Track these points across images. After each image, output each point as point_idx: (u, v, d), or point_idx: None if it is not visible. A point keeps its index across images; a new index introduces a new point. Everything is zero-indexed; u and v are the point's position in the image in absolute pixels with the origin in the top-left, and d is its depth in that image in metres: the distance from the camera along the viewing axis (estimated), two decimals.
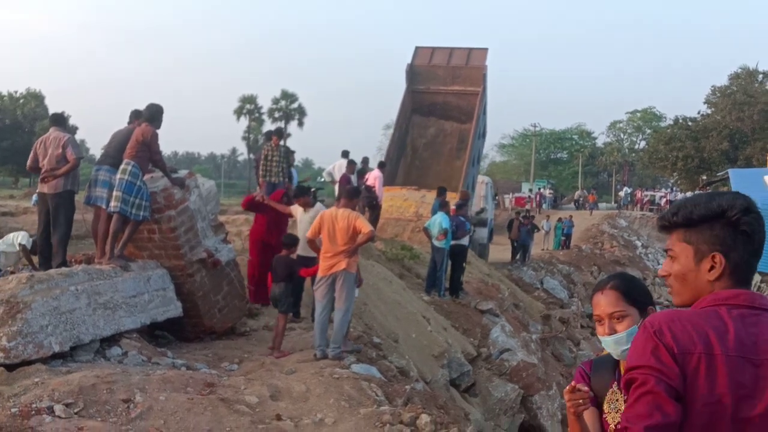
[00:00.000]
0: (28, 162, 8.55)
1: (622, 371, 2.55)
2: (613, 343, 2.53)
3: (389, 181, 18.50)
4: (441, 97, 20.82)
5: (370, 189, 15.44)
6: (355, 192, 8.71)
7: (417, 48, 21.18)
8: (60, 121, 8.58)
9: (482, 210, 22.88)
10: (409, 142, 20.92)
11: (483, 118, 21.20)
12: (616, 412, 2.49)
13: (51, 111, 77.99)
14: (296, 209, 9.54)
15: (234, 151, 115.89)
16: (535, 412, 11.65)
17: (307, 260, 8.61)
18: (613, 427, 2.48)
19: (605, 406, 2.56)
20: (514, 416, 11.35)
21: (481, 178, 23.73)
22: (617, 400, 2.52)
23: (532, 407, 11.62)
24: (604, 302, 2.57)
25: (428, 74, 20.63)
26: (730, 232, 1.92)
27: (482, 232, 22.14)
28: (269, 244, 9.63)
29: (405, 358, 9.13)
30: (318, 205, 9.49)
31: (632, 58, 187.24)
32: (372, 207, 15.61)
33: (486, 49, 21.20)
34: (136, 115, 8.53)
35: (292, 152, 13.30)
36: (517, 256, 24.01)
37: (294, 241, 8.68)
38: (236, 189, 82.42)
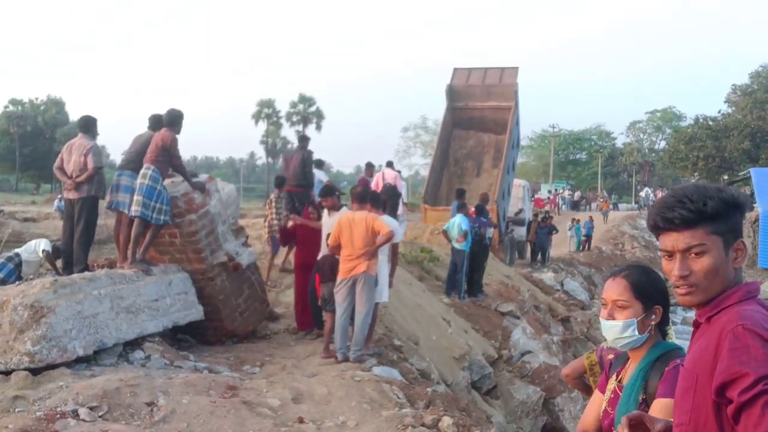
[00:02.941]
0: (56, 163, 8.64)
1: (627, 366, 2.64)
2: (609, 328, 2.58)
3: (433, 197, 20.89)
4: (478, 112, 22.71)
5: (394, 187, 15.42)
6: (364, 195, 8.63)
7: (455, 69, 23.15)
8: (87, 126, 8.62)
9: (520, 211, 24.87)
10: (451, 154, 22.77)
11: (516, 130, 23.06)
12: (605, 400, 2.65)
13: (71, 117, 78.47)
14: (324, 215, 9.16)
15: (252, 155, 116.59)
16: (558, 414, 11.56)
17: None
18: (603, 407, 2.65)
19: (605, 395, 2.70)
20: (537, 419, 11.27)
21: (518, 181, 25.95)
22: (609, 389, 2.67)
23: (554, 409, 11.54)
24: (612, 288, 2.59)
25: (466, 92, 22.64)
26: (740, 218, 1.96)
27: (520, 231, 24.21)
28: (309, 265, 8.96)
29: (426, 360, 9.11)
30: (344, 208, 8.95)
31: (651, 58, 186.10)
32: (394, 206, 15.55)
33: (516, 68, 23.10)
34: (156, 121, 8.58)
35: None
36: (537, 258, 23.91)
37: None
38: (255, 193, 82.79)
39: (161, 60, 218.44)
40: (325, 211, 9.05)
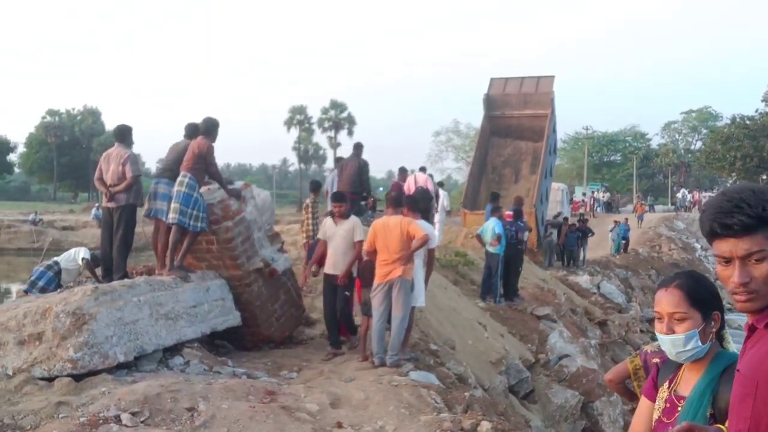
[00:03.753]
0: (95, 174, 8.78)
1: (681, 375, 2.53)
2: (670, 343, 2.46)
3: (472, 201, 21.24)
4: (515, 120, 23.07)
5: (426, 191, 15.48)
6: (399, 199, 8.63)
7: (492, 79, 23.63)
8: (122, 136, 8.74)
9: (558, 214, 25.65)
10: (489, 161, 23.23)
11: (553, 136, 23.58)
12: (658, 410, 2.52)
13: (107, 127, 79.77)
14: (326, 222, 8.80)
15: (285, 161, 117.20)
16: (596, 418, 11.44)
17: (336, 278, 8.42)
18: (656, 417, 2.53)
19: (656, 403, 2.58)
20: (575, 423, 11.16)
21: (556, 185, 26.81)
22: (662, 398, 2.54)
23: (593, 414, 11.41)
24: (666, 300, 2.47)
25: (503, 101, 23.09)
26: None
27: (573, 233, 24.40)
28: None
29: (462, 365, 9.07)
30: (352, 217, 8.67)
31: (686, 57, 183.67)
32: (427, 210, 15.60)
33: (553, 77, 23.55)
34: (192, 129, 8.68)
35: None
36: (569, 263, 23.49)
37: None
38: (288, 199, 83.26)
39: (192, 68, 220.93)
40: (328, 219, 8.74)
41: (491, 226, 13.10)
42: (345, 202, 8.74)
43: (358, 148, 13.70)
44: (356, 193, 12.82)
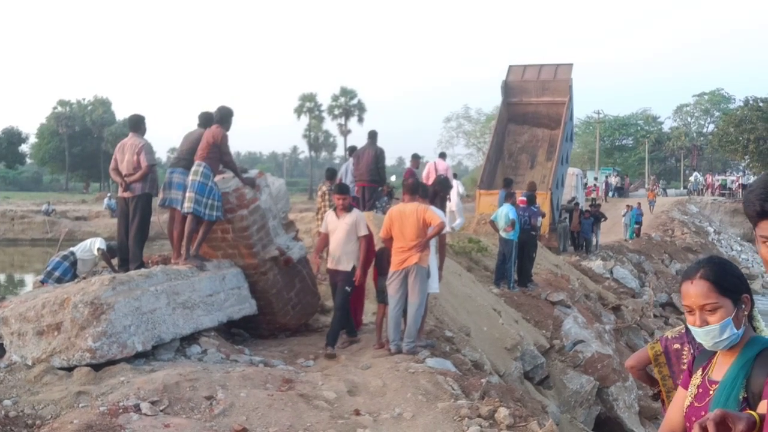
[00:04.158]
0: (111, 165, 8.78)
1: (715, 361, 2.51)
2: (705, 334, 2.42)
3: (488, 184, 21.18)
4: (532, 107, 23.28)
5: (446, 179, 15.47)
6: (416, 186, 8.59)
7: (510, 66, 23.73)
8: (137, 125, 8.74)
9: (573, 199, 25.41)
10: (506, 147, 23.29)
11: (570, 124, 23.78)
12: (690, 396, 2.51)
13: (118, 116, 79.68)
14: (328, 215, 8.55)
15: (295, 149, 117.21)
16: (612, 403, 11.44)
17: (341, 274, 8.28)
18: (688, 402, 2.51)
19: (689, 390, 2.56)
20: (590, 408, 11.16)
21: (571, 170, 26.66)
22: (695, 384, 2.52)
23: (608, 399, 11.42)
24: (694, 293, 2.43)
25: (521, 88, 23.24)
26: None
27: (587, 219, 24.56)
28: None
29: (478, 351, 9.07)
30: (355, 211, 8.45)
31: (698, 39, 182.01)
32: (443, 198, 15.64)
33: (571, 65, 23.70)
34: (206, 118, 8.66)
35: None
36: (582, 248, 23.44)
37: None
38: (298, 187, 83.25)
39: (202, 57, 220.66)
40: (330, 212, 8.51)
41: (505, 212, 13.05)
42: (348, 194, 8.58)
43: (373, 136, 13.62)
44: (374, 181, 12.83)
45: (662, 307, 21.47)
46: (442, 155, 17.81)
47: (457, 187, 17.41)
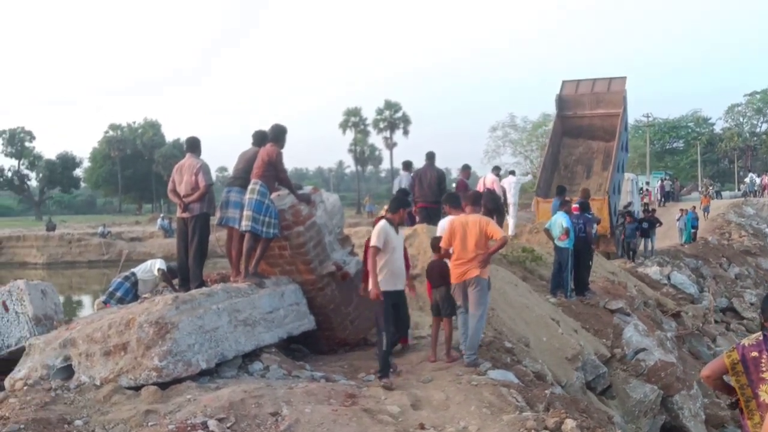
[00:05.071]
0: (169, 186, 8.94)
1: None
2: None
3: (545, 191, 21.18)
4: (587, 120, 23.37)
5: (493, 192, 15.56)
6: (477, 197, 8.63)
7: (564, 82, 23.94)
8: (194, 146, 8.90)
9: (629, 204, 25.53)
10: (561, 159, 23.42)
11: (625, 134, 23.90)
12: None
13: (167, 138, 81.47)
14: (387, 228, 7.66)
15: (341, 164, 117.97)
16: (677, 412, 11.17)
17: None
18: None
19: None
20: (655, 418, 10.91)
21: (627, 175, 26.59)
22: None
23: (673, 408, 11.15)
24: None
25: (575, 101, 23.44)
26: None
27: (631, 225, 24.53)
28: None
29: (539, 362, 8.96)
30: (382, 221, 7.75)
31: (747, 37, 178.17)
32: (496, 212, 15.75)
33: (624, 78, 23.80)
34: (260, 137, 8.77)
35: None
36: (630, 255, 22.82)
37: (438, 243, 8.35)
38: (345, 202, 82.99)
39: (247, 74, 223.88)
40: (388, 226, 7.64)
41: (559, 221, 12.91)
42: (407, 207, 8.43)
43: (431, 157, 13.90)
44: (437, 202, 12.94)
45: (723, 313, 20.96)
46: (496, 169, 17.97)
47: (512, 189, 17.79)
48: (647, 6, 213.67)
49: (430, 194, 13.22)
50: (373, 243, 7.45)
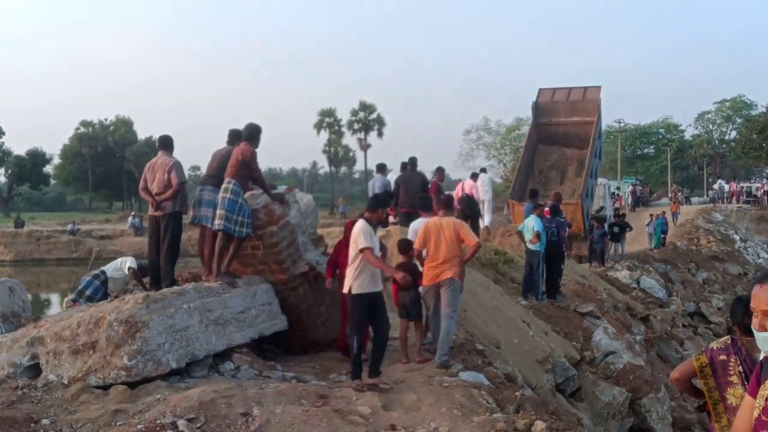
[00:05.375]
0: (140, 184, 8.87)
1: None
2: (762, 340, 2.45)
3: (519, 194, 21.40)
4: (562, 127, 23.88)
5: (471, 198, 15.73)
6: (450, 201, 8.72)
7: (540, 89, 24.56)
8: (166, 144, 8.85)
9: (601, 208, 26.16)
10: (536, 165, 23.86)
11: (598, 142, 24.44)
12: (759, 408, 2.48)
13: (140, 136, 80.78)
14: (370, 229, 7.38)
15: (315, 164, 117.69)
16: (645, 415, 11.30)
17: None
18: (756, 414, 2.48)
19: (757, 401, 2.51)
20: (623, 420, 11.03)
21: (599, 180, 27.35)
22: (763, 396, 2.48)
23: (640, 410, 11.28)
24: (760, 296, 2.46)
25: (551, 108, 24.02)
26: None
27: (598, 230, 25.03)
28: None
29: (509, 364, 9.00)
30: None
31: (719, 46, 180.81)
32: (472, 217, 15.98)
33: (599, 87, 24.34)
34: (234, 135, 8.73)
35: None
36: (594, 260, 22.82)
37: (410, 245, 8.30)
38: (319, 202, 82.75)
39: (221, 73, 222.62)
40: (367, 224, 7.38)
41: (531, 224, 13.01)
42: (388, 207, 8.34)
43: (414, 162, 14.10)
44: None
45: (690, 317, 21.26)
46: (474, 176, 18.14)
47: (484, 187, 18.00)
48: (620, 13, 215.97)
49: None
50: (364, 244, 7.09)
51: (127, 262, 9.89)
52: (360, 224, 7.30)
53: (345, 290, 7.29)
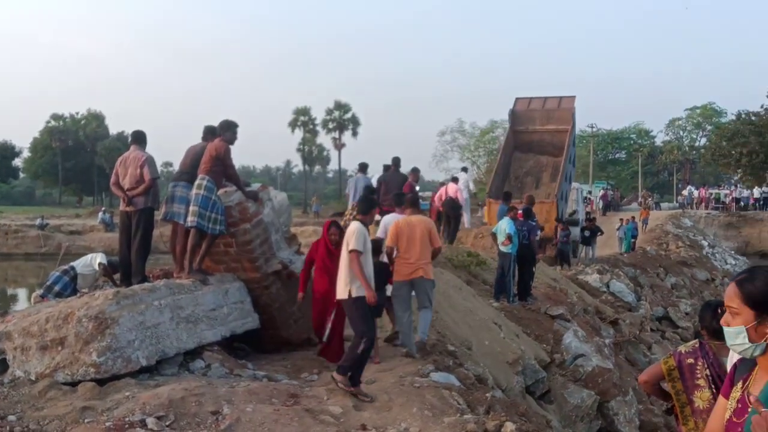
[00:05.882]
0: (111, 179, 8.77)
1: (755, 374, 2.52)
2: (725, 334, 2.54)
3: (497, 195, 21.30)
4: (537, 135, 24.74)
5: (455, 201, 15.94)
6: (416, 200, 9.04)
7: (517, 98, 25.46)
8: (139, 139, 8.75)
9: (574, 212, 26.68)
10: (512, 171, 24.58)
11: (572, 149, 25.43)
12: (730, 409, 2.52)
13: (111, 130, 79.81)
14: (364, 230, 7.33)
15: (288, 163, 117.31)
16: (612, 418, 11.39)
17: None
18: (728, 416, 2.51)
19: (729, 402, 2.56)
20: (591, 423, 11.10)
21: (572, 185, 27.86)
22: (734, 398, 2.53)
23: (608, 413, 11.36)
24: (726, 293, 2.55)
25: (527, 116, 24.91)
26: None
27: (575, 231, 25.12)
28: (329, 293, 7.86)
29: (480, 365, 9.04)
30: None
31: (689, 54, 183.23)
32: (455, 218, 16.23)
33: (574, 97, 25.32)
34: (209, 131, 8.66)
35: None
36: (559, 262, 22.90)
37: (380, 245, 8.31)
38: (292, 201, 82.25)
39: (195, 69, 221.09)
40: (362, 226, 7.31)
41: (503, 226, 13.07)
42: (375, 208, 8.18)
43: (397, 162, 14.43)
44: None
45: (659, 321, 21.45)
46: (454, 179, 18.30)
47: (464, 185, 18.32)
48: (594, 21, 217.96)
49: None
50: (353, 246, 6.99)
51: (98, 258, 9.77)
52: (355, 226, 7.20)
53: (343, 295, 7.04)
